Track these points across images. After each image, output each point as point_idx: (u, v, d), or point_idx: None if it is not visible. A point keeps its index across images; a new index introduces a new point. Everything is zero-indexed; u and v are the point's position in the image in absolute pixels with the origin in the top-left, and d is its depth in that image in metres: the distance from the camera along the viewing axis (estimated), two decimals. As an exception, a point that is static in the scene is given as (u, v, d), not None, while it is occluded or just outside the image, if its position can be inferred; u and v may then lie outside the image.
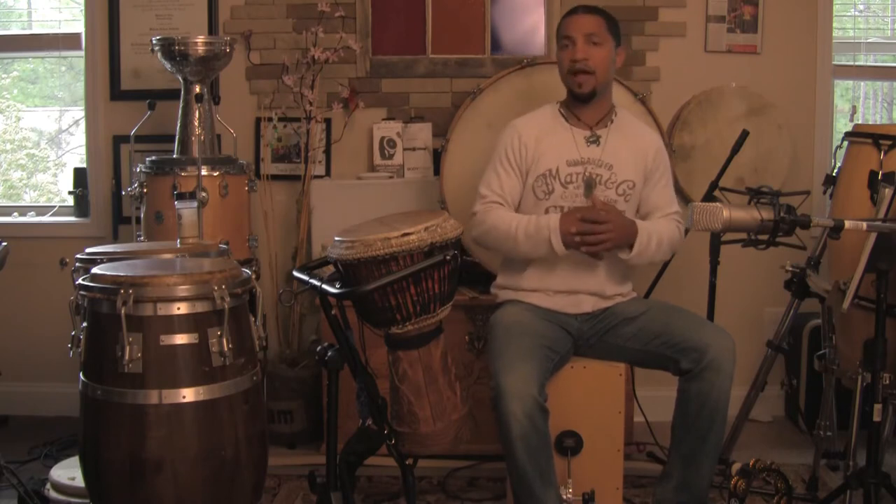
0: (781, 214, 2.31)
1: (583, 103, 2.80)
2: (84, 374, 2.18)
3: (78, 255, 2.59)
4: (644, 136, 2.88)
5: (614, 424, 2.73)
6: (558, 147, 2.78)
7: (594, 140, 2.79)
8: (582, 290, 2.77)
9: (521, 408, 2.39)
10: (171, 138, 3.47)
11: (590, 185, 2.75)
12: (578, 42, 2.74)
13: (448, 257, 2.18)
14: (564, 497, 2.56)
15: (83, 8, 3.95)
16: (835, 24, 3.93)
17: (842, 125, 4.03)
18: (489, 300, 2.95)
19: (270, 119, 3.80)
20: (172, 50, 3.29)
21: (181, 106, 3.42)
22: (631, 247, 2.67)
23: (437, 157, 3.64)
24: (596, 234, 2.60)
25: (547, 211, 2.75)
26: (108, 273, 2.17)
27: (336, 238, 2.24)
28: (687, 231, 3.33)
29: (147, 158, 3.32)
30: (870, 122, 4.20)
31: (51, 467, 3.06)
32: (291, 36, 3.85)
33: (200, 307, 2.12)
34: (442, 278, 2.21)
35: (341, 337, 2.29)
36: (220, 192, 3.23)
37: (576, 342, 2.78)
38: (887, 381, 2.63)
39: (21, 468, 3.25)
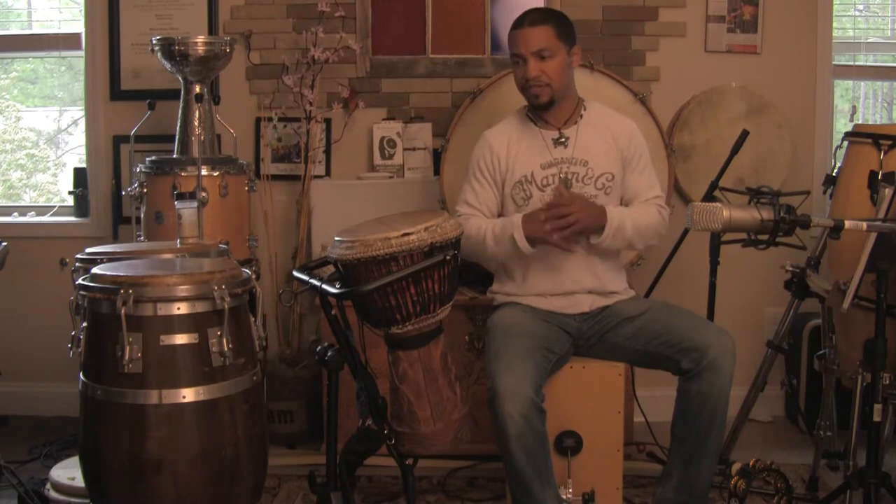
0: (781, 214, 2.31)
1: (544, 109, 2.79)
2: (84, 374, 2.18)
3: (78, 255, 2.59)
4: (616, 124, 2.85)
5: (614, 424, 2.73)
6: (530, 152, 2.78)
7: (562, 141, 2.79)
8: (578, 290, 2.77)
9: (517, 409, 2.38)
10: (171, 138, 3.47)
11: (566, 186, 2.74)
12: (529, 60, 2.70)
13: (448, 257, 2.18)
14: (564, 497, 2.55)
15: (83, 8, 3.94)
16: (835, 24, 3.93)
17: (842, 125, 4.03)
18: (489, 300, 2.95)
19: (270, 119, 3.80)
20: (172, 50, 3.29)
21: (181, 106, 3.42)
22: (601, 231, 2.67)
23: (437, 157, 3.64)
24: (563, 217, 2.59)
25: None
26: (108, 273, 2.17)
27: (336, 238, 2.24)
28: (687, 231, 3.34)
29: (147, 158, 3.32)
30: (870, 122, 4.20)
31: (51, 467, 3.06)
32: (291, 36, 3.85)
33: (200, 307, 2.12)
34: (442, 278, 2.21)
35: (341, 337, 2.29)
36: (220, 192, 3.23)
37: (575, 342, 2.78)
38: (887, 381, 2.63)
39: (21, 468, 3.25)
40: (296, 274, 2.38)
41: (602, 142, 2.80)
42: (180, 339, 2.10)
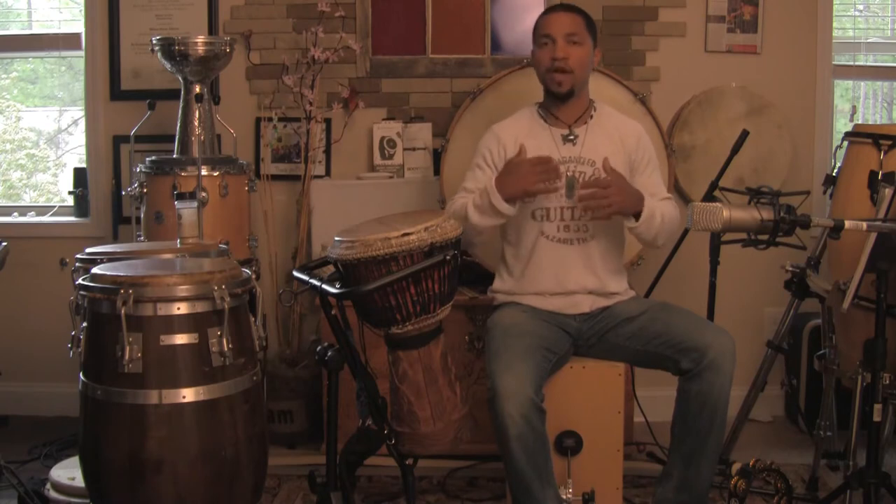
0: (781, 214, 2.31)
1: (560, 101, 2.80)
2: (84, 374, 2.18)
3: (78, 255, 2.59)
4: (624, 126, 2.86)
5: (614, 424, 2.73)
6: (538, 149, 2.77)
7: (571, 139, 2.79)
8: (578, 291, 2.77)
9: (517, 409, 2.38)
10: (171, 138, 3.47)
11: (571, 185, 2.74)
12: (559, 41, 2.74)
13: (448, 257, 2.18)
14: (564, 497, 2.55)
15: (83, 8, 3.94)
16: (835, 24, 3.93)
17: (842, 125, 4.03)
18: (489, 300, 2.95)
19: (270, 119, 3.80)
20: (172, 50, 3.29)
21: (181, 106, 3.42)
22: (637, 216, 2.66)
23: (437, 157, 3.64)
24: (600, 197, 2.58)
25: (533, 214, 2.76)
26: (108, 273, 2.17)
27: (336, 238, 2.24)
28: (687, 231, 3.34)
29: (147, 158, 3.32)
30: (870, 122, 4.20)
31: (51, 467, 3.06)
32: (291, 36, 3.85)
33: (200, 307, 2.12)
34: (442, 278, 2.21)
35: (341, 337, 2.29)
36: (219, 192, 3.23)
37: (575, 342, 2.78)
38: (887, 381, 2.63)
39: (21, 468, 3.25)
40: (296, 274, 2.38)
41: (610, 143, 2.80)
42: (180, 339, 2.10)
